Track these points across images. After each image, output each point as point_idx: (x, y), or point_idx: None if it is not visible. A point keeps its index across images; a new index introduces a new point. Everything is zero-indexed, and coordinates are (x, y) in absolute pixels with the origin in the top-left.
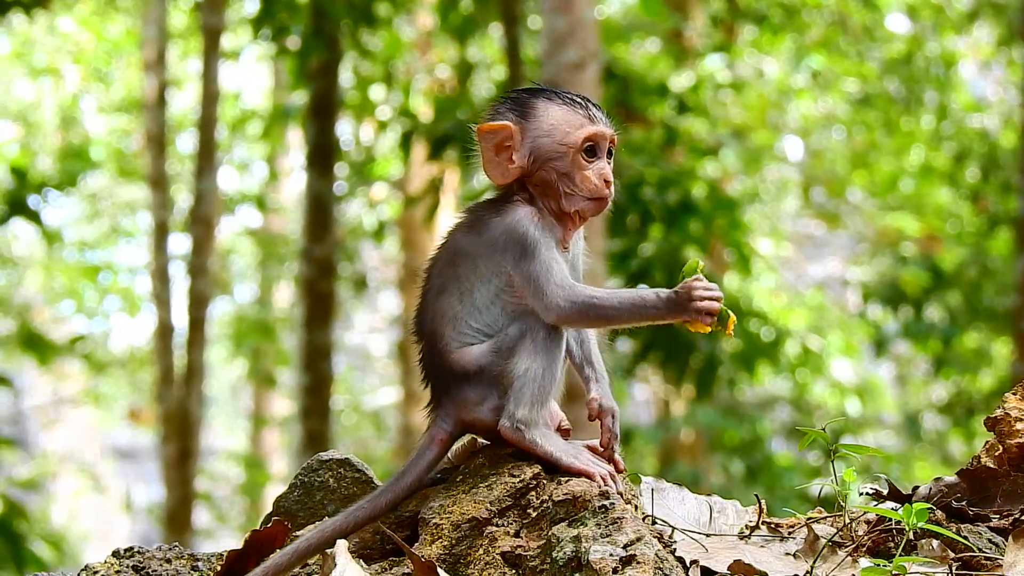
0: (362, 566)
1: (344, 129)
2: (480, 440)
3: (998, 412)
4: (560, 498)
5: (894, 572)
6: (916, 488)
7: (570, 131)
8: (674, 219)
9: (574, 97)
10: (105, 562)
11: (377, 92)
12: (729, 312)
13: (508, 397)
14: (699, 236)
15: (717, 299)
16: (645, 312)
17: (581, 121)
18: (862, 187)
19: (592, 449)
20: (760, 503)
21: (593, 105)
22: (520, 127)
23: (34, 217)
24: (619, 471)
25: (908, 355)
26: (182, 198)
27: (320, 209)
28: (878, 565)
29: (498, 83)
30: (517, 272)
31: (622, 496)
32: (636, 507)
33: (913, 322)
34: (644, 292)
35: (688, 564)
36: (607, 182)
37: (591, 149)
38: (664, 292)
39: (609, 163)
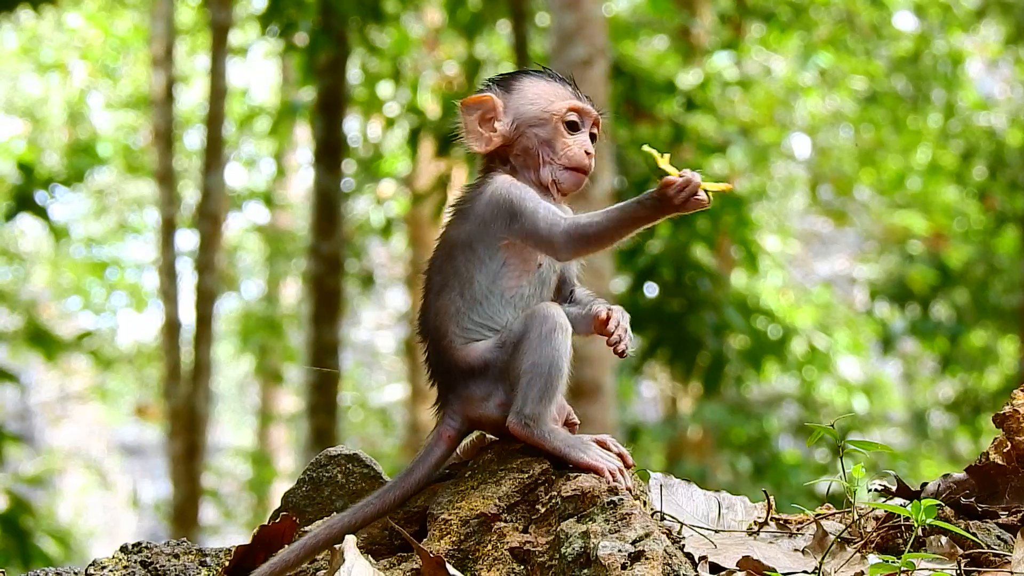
0: (370, 561)
1: (352, 126)
2: (489, 436)
3: (1007, 409)
4: (569, 494)
5: (903, 568)
6: (925, 485)
7: (555, 100)
8: (682, 216)
9: (563, 77)
10: (113, 557)
11: (385, 88)
12: (717, 184)
13: (515, 393)
14: (707, 233)
15: (694, 191)
16: (638, 221)
17: (566, 94)
18: (869, 185)
19: (600, 444)
20: (769, 499)
21: (578, 90)
22: (504, 99)
23: (41, 213)
24: (627, 466)
25: (915, 353)
26: (189, 194)
27: (327, 205)
28: (887, 561)
29: None
30: (512, 235)
31: (631, 491)
32: (645, 503)
33: (920, 320)
34: (630, 205)
35: (697, 560)
36: (588, 154)
37: (574, 123)
38: (647, 199)
39: (589, 137)
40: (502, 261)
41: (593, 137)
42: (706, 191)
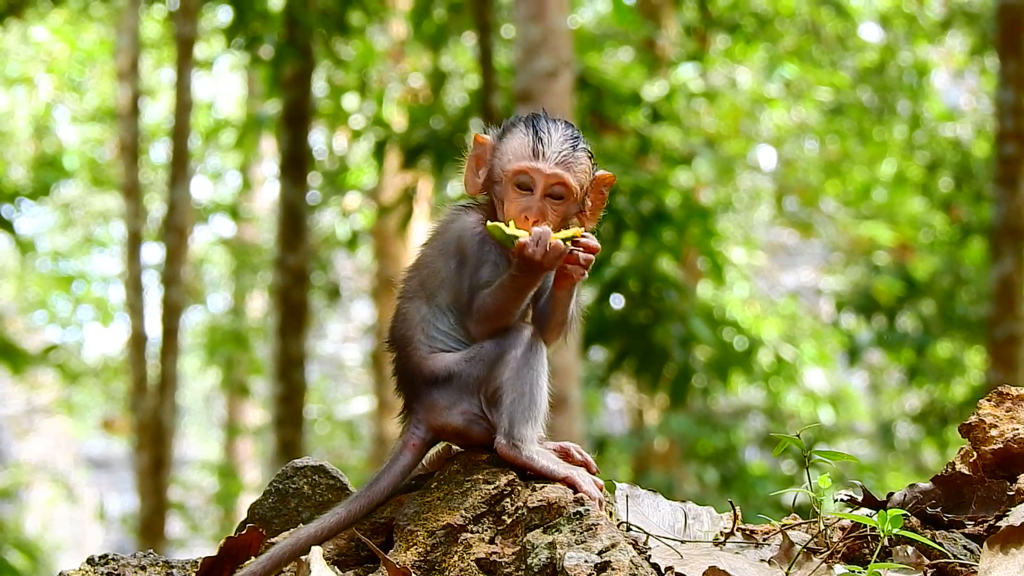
0: (337, 573)
1: (317, 138)
2: (455, 447)
3: (972, 419)
4: (535, 504)
5: None
6: (891, 495)
7: (512, 160)
8: (648, 228)
9: (547, 127)
10: (79, 570)
11: (350, 101)
12: (566, 232)
13: (500, 414)
14: (673, 245)
15: (546, 244)
16: (521, 290)
17: (525, 153)
18: (835, 196)
19: (564, 452)
20: (735, 510)
21: (561, 141)
22: (494, 146)
23: (7, 226)
24: (592, 473)
25: (881, 364)
26: (155, 207)
27: (293, 218)
28: (853, 571)
29: (471, 92)
30: (456, 279)
31: (601, 504)
32: (611, 513)
33: (886, 331)
34: (506, 277)
35: (663, 570)
36: (526, 218)
37: (524, 184)
38: (514, 267)
39: (554, 206)
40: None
41: (559, 197)
42: (563, 239)
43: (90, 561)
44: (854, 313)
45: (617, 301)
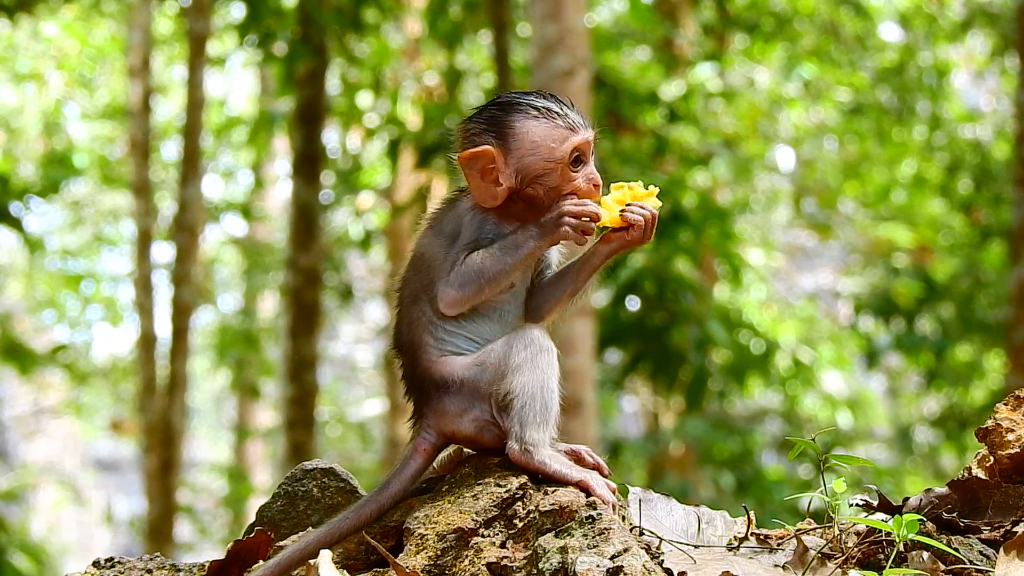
0: None
1: (331, 137)
2: (466, 450)
3: (989, 423)
4: (547, 508)
5: None
6: (907, 500)
7: (555, 146)
8: (664, 229)
9: (549, 105)
10: (85, 573)
11: (364, 99)
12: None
13: (511, 418)
14: (689, 246)
15: (591, 215)
16: (525, 250)
17: (564, 134)
18: (854, 198)
19: (575, 455)
20: (749, 514)
21: (568, 107)
22: (500, 148)
23: (16, 224)
24: (604, 476)
25: (900, 367)
26: (166, 206)
27: (306, 218)
28: None
29: (487, 91)
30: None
31: (614, 508)
32: (624, 518)
33: (905, 334)
34: (517, 233)
35: (676, 575)
36: (596, 185)
37: (577, 159)
38: (533, 223)
39: (593, 161)
40: None
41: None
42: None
43: (96, 564)
44: (872, 316)
45: (633, 303)
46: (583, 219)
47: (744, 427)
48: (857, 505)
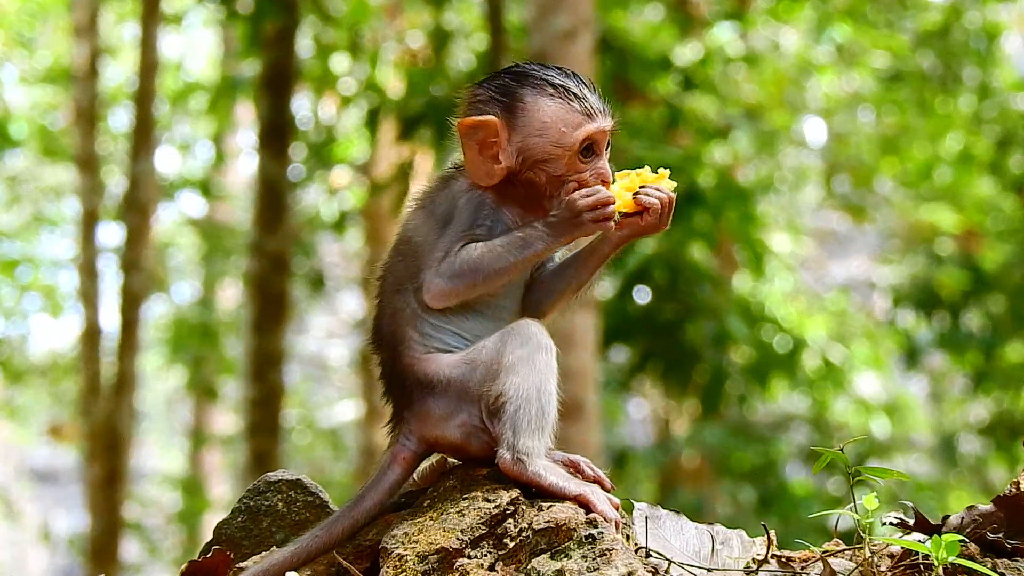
0: None
1: (302, 105)
2: (451, 459)
3: None
4: (541, 526)
5: None
6: (946, 518)
7: (566, 131)
8: (678, 210)
9: (567, 84)
10: None
11: (340, 63)
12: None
13: (503, 424)
14: (706, 231)
15: (605, 201)
16: (533, 250)
17: (578, 119)
18: (892, 176)
19: (573, 466)
20: (769, 533)
21: (589, 90)
22: (506, 122)
23: None
24: (605, 491)
25: (944, 368)
26: (115, 182)
27: (273, 196)
28: None
29: (478, 54)
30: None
31: (617, 526)
32: (628, 537)
33: (950, 331)
34: (526, 230)
35: None
36: (605, 183)
37: (589, 148)
38: (542, 220)
39: (606, 156)
40: None
41: (608, 145)
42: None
43: None
44: (913, 309)
45: (642, 294)
46: (599, 208)
47: (767, 435)
48: (891, 524)
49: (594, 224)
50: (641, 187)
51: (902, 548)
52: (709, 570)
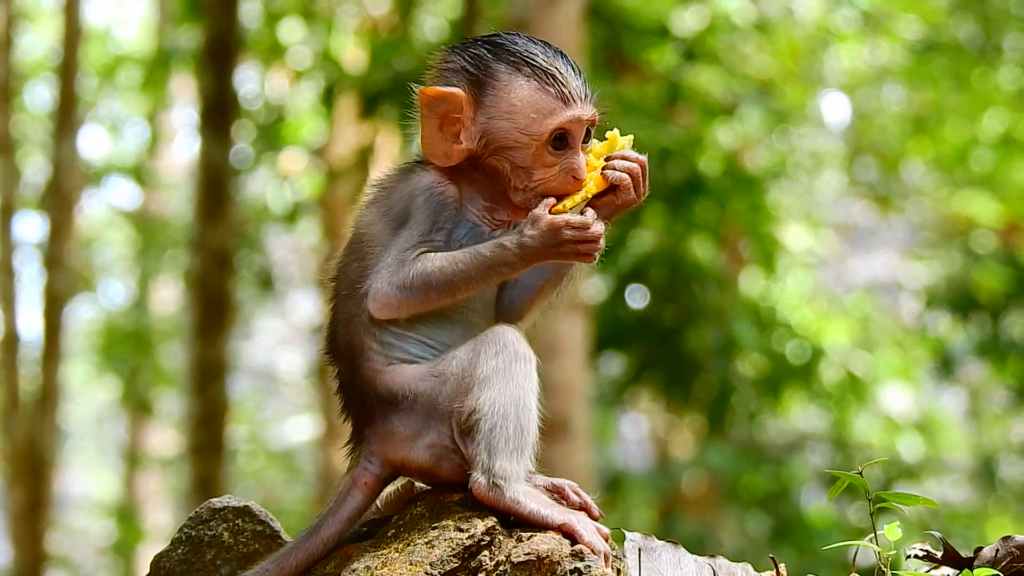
0: None
1: (248, 79)
2: (419, 483)
3: None
4: (521, 559)
5: None
6: (979, 550)
7: (536, 117)
8: (678, 201)
9: (548, 64)
10: None
11: (291, 31)
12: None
13: (477, 444)
14: (710, 224)
15: (594, 239)
16: (498, 273)
17: (552, 105)
18: (923, 160)
19: (557, 491)
20: (778, 567)
21: (573, 74)
22: (473, 98)
23: None
24: (593, 518)
25: (982, 380)
26: (34, 168)
27: (215, 183)
28: None
29: (451, 22)
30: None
31: (607, 559)
32: (619, 571)
33: (989, 337)
34: (493, 247)
35: None
36: (576, 179)
37: (561, 139)
38: (514, 239)
39: (585, 149)
40: None
41: (588, 135)
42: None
43: None
44: (947, 313)
45: (637, 296)
46: (585, 244)
47: (780, 457)
48: (917, 556)
49: (576, 257)
50: (606, 160)
51: None
52: None
